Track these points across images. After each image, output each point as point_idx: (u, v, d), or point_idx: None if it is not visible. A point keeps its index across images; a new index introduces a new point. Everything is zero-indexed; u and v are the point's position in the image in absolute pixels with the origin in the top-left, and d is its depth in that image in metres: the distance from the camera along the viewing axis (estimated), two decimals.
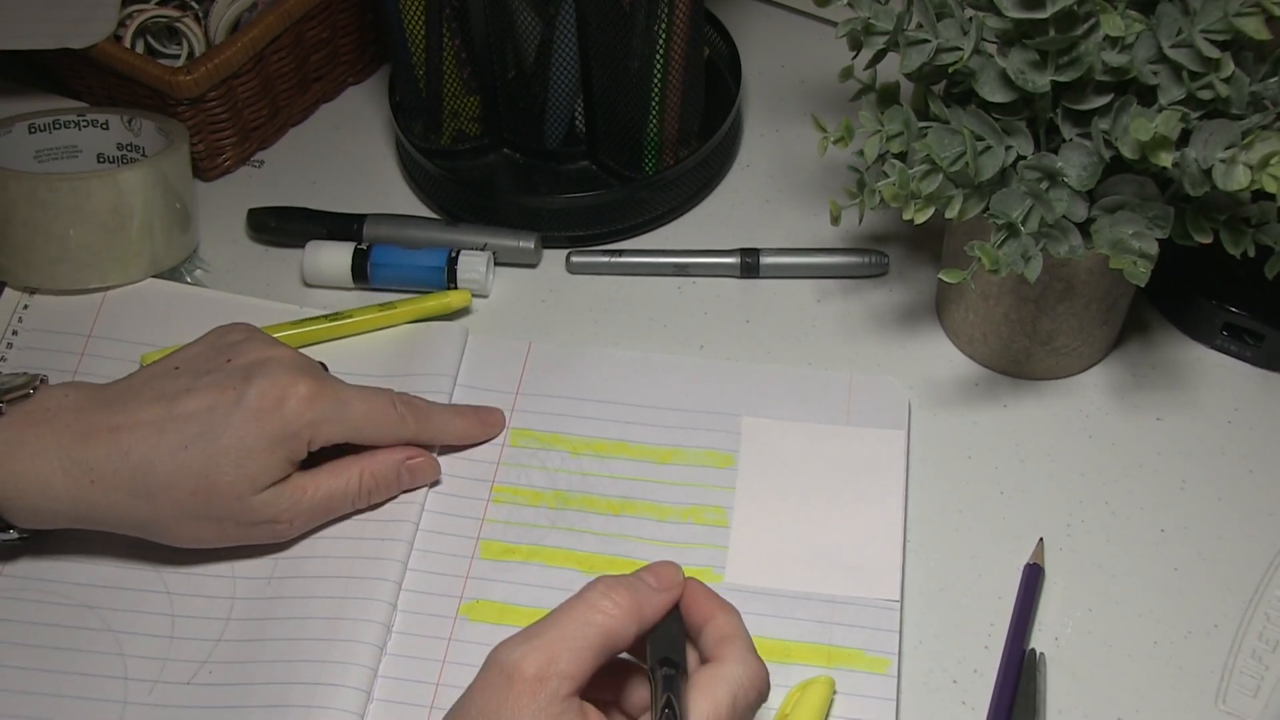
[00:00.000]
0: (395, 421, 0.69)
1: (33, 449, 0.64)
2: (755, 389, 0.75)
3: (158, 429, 0.65)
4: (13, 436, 0.65)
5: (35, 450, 0.64)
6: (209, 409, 0.65)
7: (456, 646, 0.67)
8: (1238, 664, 0.66)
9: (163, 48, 0.87)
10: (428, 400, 0.72)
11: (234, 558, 0.69)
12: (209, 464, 0.65)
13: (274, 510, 0.67)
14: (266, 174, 0.89)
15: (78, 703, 0.65)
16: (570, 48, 0.80)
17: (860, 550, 0.69)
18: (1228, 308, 0.75)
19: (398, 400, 0.70)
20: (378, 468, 0.69)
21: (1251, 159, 0.60)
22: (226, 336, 0.70)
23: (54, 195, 0.76)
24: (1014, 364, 0.76)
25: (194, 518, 0.66)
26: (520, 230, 0.82)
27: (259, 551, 0.69)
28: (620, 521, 0.71)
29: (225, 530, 0.67)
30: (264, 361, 0.67)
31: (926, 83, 0.70)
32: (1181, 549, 0.70)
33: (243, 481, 0.65)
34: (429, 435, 0.71)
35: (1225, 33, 0.62)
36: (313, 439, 0.67)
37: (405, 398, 0.70)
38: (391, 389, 0.71)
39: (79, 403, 0.66)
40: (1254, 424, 0.74)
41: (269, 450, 0.65)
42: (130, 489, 0.65)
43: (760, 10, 0.96)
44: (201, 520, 0.66)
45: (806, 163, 0.87)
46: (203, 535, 0.67)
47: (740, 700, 0.54)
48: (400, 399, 0.70)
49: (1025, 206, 0.65)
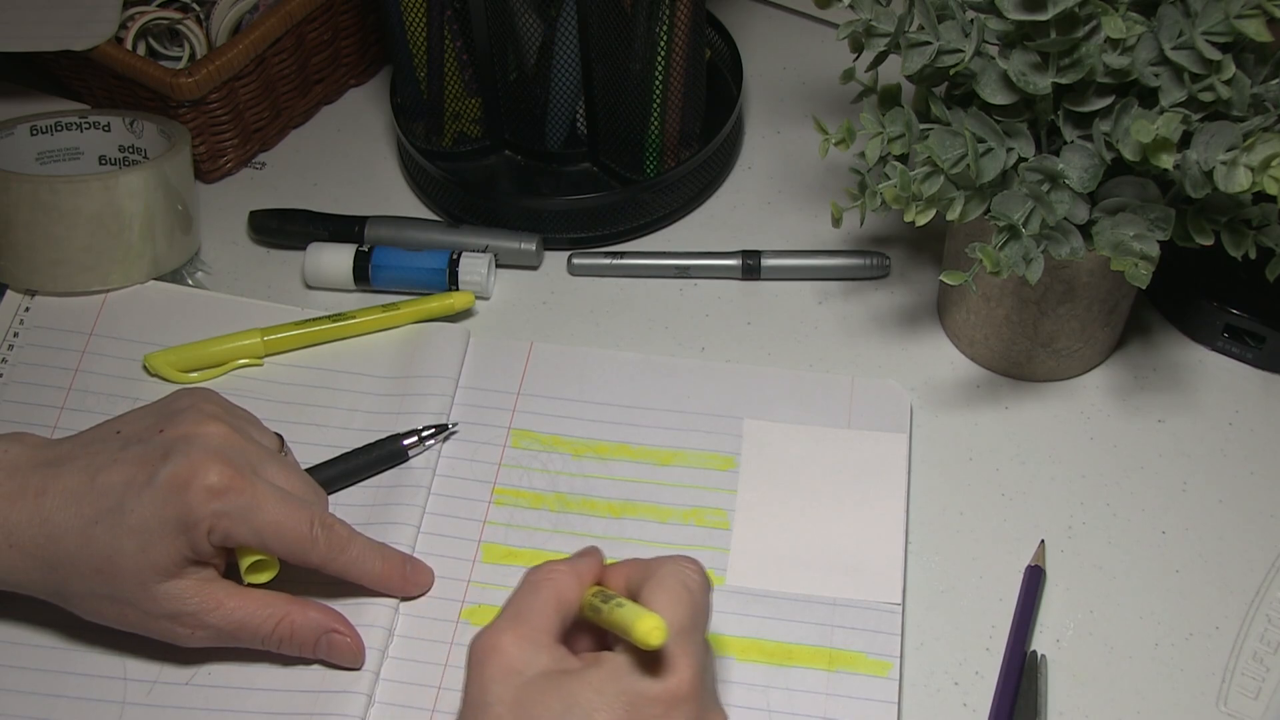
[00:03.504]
0: (305, 541, 0.63)
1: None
2: (757, 391, 0.75)
3: (76, 500, 0.62)
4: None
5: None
6: (125, 484, 0.62)
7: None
8: (1239, 666, 0.66)
9: (164, 50, 0.87)
10: (353, 529, 0.66)
11: None
12: (114, 544, 0.62)
13: (178, 607, 0.63)
14: (268, 176, 0.89)
15: (77, 703, 0.65)
16: (572, 49, 0.80)
17: (862, 553, 0.69)
18: (1229, 310, 0.75)
19: (318, 520, 0.64)
20: (299, 622, 0.64)
21: (1253, 161, 0.60)
22: (174, 403, 0.66)
23: (55, 197, 0.76)
24: (1015, 366, 0.76)
25: (98, 596, 0.63)
26: (521, 232, 0.82)
27: None
28: (621, 524, 0.71)
29: (126, 615, 0.63)
30: (189, 439, 0.63)
31: (928, 84, 0.70)
32: (1183, 551, 0.70)
33: (146, 567, 0.62)
34: (338, 567, 0.65)
35: (1226, 35, 0.62)
36: (213, 531, 0.62)
37: (329, 520, 0.65)
38: (318, 506, 0.66)
39: (16, 460, 0.64)
40: (1255, 426, 0.74)
41: (170, 536, 0.61)
42: (43, 558, 0.63)
43: (761, 12, 0.96)
44: (106, 600, 0.63)
45: (808, 164, 0.87)
46: (107, 614, 0.64)
47: (690, 582, 0.57)
48: (322, 520, 0.64)
49: (1026, 208, 0.65)
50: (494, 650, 0.55)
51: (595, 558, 0.60)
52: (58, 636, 0.67)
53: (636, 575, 0.58)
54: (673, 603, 0.56)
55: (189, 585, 0.63)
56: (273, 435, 0.69)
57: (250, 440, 0.65)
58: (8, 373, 0.77)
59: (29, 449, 0.65)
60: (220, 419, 0.65)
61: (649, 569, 0.58)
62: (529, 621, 0.56)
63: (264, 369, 0.77)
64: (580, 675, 0.55)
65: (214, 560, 0.64)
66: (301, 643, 0.65)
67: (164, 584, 0.62)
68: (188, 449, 0.62)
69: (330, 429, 0.74)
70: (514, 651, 0.55)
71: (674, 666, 0.55)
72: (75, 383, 0.76)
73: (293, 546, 0.64)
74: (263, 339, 0.77)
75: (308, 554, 0.64)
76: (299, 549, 0.64)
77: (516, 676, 0.54)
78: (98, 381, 0.76)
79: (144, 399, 0.71)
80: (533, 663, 0.55)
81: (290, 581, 0.65)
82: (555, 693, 0.54)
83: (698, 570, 0.58)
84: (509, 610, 0.57)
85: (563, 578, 0.58)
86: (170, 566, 0.62)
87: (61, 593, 0.64)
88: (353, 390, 0.76)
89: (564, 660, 0.56)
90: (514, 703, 0.54)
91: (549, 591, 0.57)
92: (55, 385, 0.76)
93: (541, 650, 0.55)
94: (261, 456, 0.65)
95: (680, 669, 0.55)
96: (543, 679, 0.54)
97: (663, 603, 0.56)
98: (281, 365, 0.77)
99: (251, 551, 0.64)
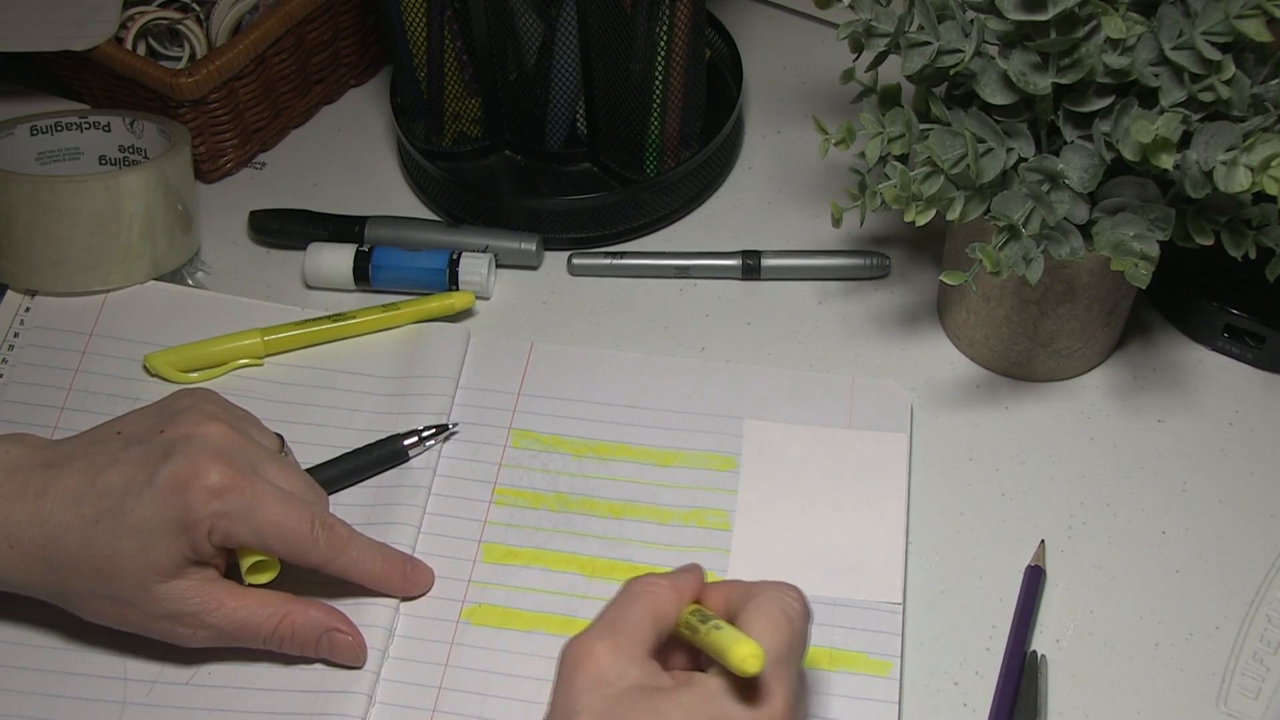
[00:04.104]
0: (305, 541, 0.63)
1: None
2: (757, 391, 0.75)
3: (76, 500, 0.62)
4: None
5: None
6: (125, 484, 0.62)
7: (459, 650, 0.66)
8: (1239, 666, 0.66)
9: (164, 50, 0.87)
10: (353, 529, 0.66)
11: None
12: (114, 544, 0.62)
13: (179, 607, 0.63)
14: (268, 176, 0.89)
15: (77, 703, 0.65)
16: (572, 49, 0.80)
17: (862, 553, 0.69)
18: (1229, 310, 0.75)
19: (318, 520, 0.64)
20: (300, 621, 0.64)
21: (1252, 161, 0.60)
22: (175, 403, 0.66)
23: (56, 197, 0.76)
24: (1015, 366, 0.76)
25: (99, 596, 0.63)
26: (522, 232, 0.82)
27: None
28: (622, 525, 0.71)
29: (127, 615, 0.63)
30: (190, 439, 0.63)
31: (928, 85, 0.70)
32: (1183, 551, 0.70)
33: (146, 567, 0.62)
34: (339, 567, 0.65)
35: (1226, 35, 0.62)
36: (213, 531, 0.62)
37: (329, 520, 0.65)
38: (319, 506, 0.66)
39: (17, 461, 0.64)
40: (1255, 426, 0.74)
41: (170, 536, 0.61)
42: (44, 558, 0.63)
43: (761, 12, 0.96)
44: (106, 600, 0.63)
45: (808, 165, 0.87)
46: (108, 615, 0.64)
47: (791, 610, 0.55)
48: (323, 520, 0.64)
49: (1026, 208, 0.65)
50: (586, 658, 0.53)
51: (696, 575, 0.58)
52: (58, 637, 0.67)
53: (736, 597, 0.56)
54: (772, 630, 0.54)
55: (189, 585, 0.63)
56: (273, 435, 0.69)
57: (250, 440, 0.65)
58: (8, 373, 0.77)
59: (29, 450, 0.65)
60: (220, 419, 0.65)
61: (749, 592, 0.56)
62: (624, 633, 0.54)
63: (264, 369, 0.77)
64: (671, 694, 0.53)
65: (214, 560, 0.64)
66: (303, 642, 0.65)
67: (164, 584, 0.62)
68: (188, 449, 0.62)
69: (330, 429, 0.74)
70: (606, 662, 0.53)
71: (768, 696, 0.53)
72: (75, 383, 0.76)
73: (293, 546, 0.64)
74: (263, 339, 0.77)
75: (308, 554, 0.64)
76: (299, 549, 0.64)
77: (607, 688, 0.53)
78: (98, 382, 0.76)
79: (144, 399, 0.71)
80: (625, 675, 0.53)
81: (290, 582, 0.65)
82: (644, 708, 0.52)
83: (799, 599, 0.56)
84: (605, 619, 0.55)
85: (662, 592, 0.56)
86: (171, 567, 0.62)
87: (62, 593, 0.64)
88: (353, 390, 0.76)
89: (656, 676, 0.54)
90: (601, 713, 0.52)
91: (646, 605, 0.55)
92: (55, 385, 0.76)
93: (634, 663, 0.54)
94: (261, 456, 0.65)
95: (774, 699, 0.53)
96: (633, 692, 0.53)
97: (761, 629, 0.54)
98: (281, 365, 0.78)
99: (252, 552, 0.64)
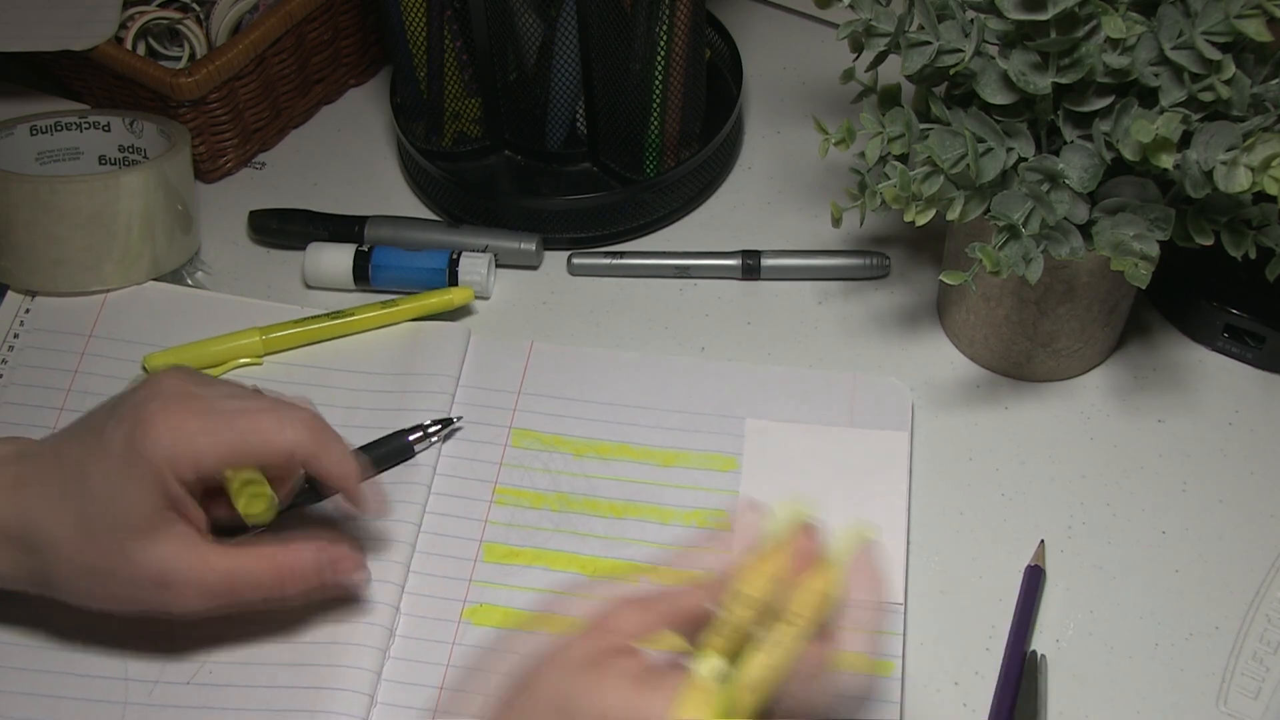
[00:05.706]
0: (273, 433, 0.61)
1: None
2: (758, 391, 0.75)
3: (44, 479, 0.62)
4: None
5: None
6: (82, 451, 0.62)
7: (460, 650, 0.66)
8: (1239, 666, 0.66)
9: (164, 49, 0.87)
10: None
11: None
12: (82, 510, 0.61)
13: (161, 569, 0.61)
14: (268, 176, 0.89)
15: (78, 703, 0.65)
16: (571, 49, 0.80)
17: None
18: (1229, 310, 0.75)
19: (289, 415, 0.62)
20: (295, 558, 0.63)
21: (1252, 161, 0.61)
22: (143, 380, 0.65)
23: (55, 197, 0.76)
24: (1015, 366, 0.76)
25: (81, 573, 0.62)
26: (521, 232, 0.82)
27: None
28: (623, 525, 0.71)
29: (113, 590, 0.62)
30: (134, 394, 0.62)
31: (928, 84, 0.70)
32: (1183, 551, 0.70)
33: (119, 528, 0.61)
34: (328, 461, 0.63)
35: (1226, 35, 0.62)
36: (175, 462, 0.60)
37: (307, 417, 0.63)
38: (295, 408, 0.64)
39: (4, 458, 0.64)
40: (1255, 426, 0.74)
41: (133, 487, 0.60)
42: (25, 546, 0.62)
43: (761, 12, 0.96)
44: (89, 576, 0.62)
45: (808, 164, 0.87)
46: (96, 594, 0.63)
47: None
48: (303, 418, 0.63)
49: (1026, 208, 0.65)
50: None
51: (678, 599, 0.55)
52: (59, 637, 0.67)
53: None
54: None
55: (170, 547, 0.61)
56: (245, 388, 0.67)
57: (205, 383, 0.64)
58: (8, 373, 0.77)
59: (13, 447, 0.65)
60: (171, 374, 0.63)
61: None
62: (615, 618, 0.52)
63: (264, 368, 0.77)
64: None
65: (190, 512, 0.62)
66: (305, 577, 0.63)
67: (142, 545, 0.61)
68: (133, 401, 0.62)
69: None
70: None
71: None
72: (75, 383, 0.76)
73: (268, 442, 0.62)
74: (262, 338, 0.77)
75: (283, 441, 0.62)
76: (273, 444, 0.62)
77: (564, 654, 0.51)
78: (98, 382, 0.76)
79: None
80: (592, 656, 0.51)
81: None
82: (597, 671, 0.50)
83: None
84: None
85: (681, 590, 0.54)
86: (142, 524, 0.61)
87: (48, 580, 0.63)
88: (353, 388, 0.76)
89: None
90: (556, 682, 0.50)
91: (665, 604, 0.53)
92: (55, 386, 0.76)
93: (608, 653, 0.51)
94: (218, 390, 0.64)
95: None
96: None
97: None
98: (281, 364, 0.78)
99: (237, 475, 0.63)
